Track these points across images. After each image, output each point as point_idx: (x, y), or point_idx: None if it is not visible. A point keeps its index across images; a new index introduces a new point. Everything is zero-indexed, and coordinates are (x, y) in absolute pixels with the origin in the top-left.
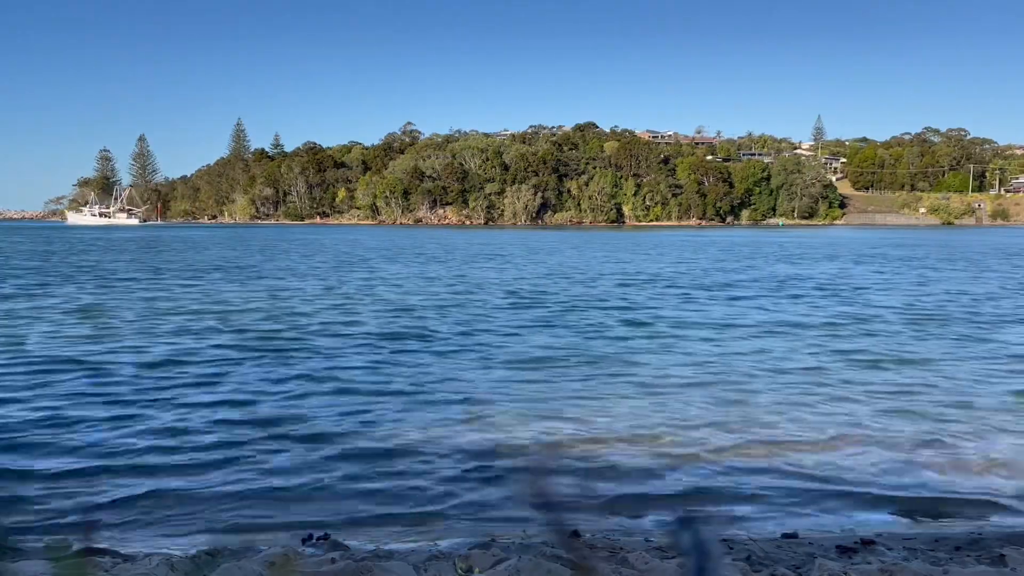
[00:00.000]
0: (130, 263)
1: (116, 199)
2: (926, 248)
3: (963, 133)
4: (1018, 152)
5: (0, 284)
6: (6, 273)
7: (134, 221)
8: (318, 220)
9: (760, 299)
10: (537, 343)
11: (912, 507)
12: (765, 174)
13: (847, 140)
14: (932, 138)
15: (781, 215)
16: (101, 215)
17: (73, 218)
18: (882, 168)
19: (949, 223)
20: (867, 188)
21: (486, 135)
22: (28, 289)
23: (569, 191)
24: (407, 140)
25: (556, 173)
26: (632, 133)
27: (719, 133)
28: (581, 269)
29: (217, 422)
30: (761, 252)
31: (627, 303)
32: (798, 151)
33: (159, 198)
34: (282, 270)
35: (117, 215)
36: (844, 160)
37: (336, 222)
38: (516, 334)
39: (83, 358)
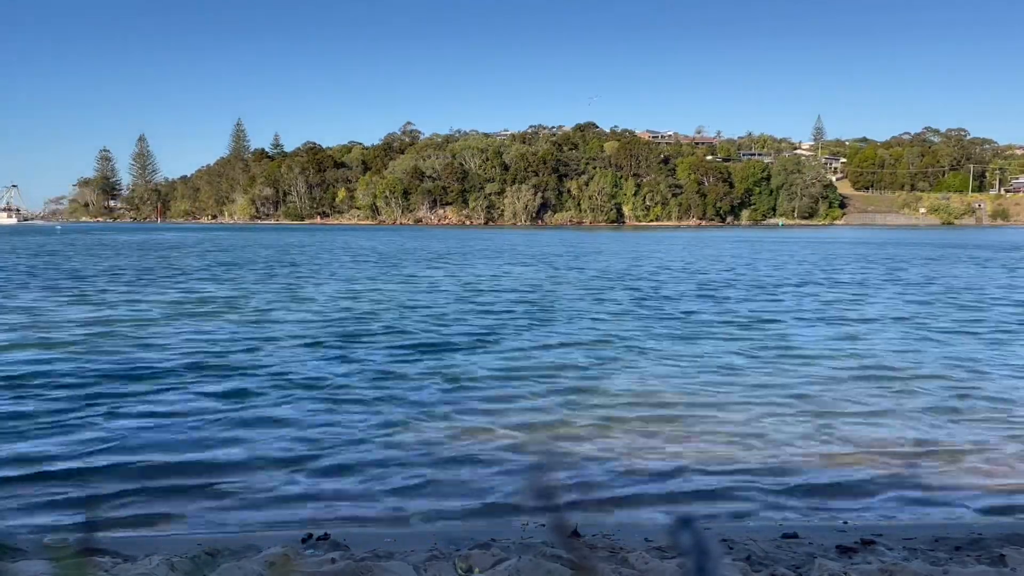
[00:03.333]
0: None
1: None
2: (973, 247)
3: (963, 133)
4: (1018, 152)
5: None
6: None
7: (13, 220)
8: (318, 220)
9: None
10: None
11: (913, 507)
12: (765, 174)
13: (847, 140)
14: (932, 138)
15: (781, 215)
16: None
17: None
18: (882, 168)
19: (949, 223)
20: (867, 188)
21: (486, 135)
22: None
23: (569, 191)
24: (407, 140)
25: (556, 173)
26: (632, 133)
27: (719, 133)
28: (707, 267)
29: (217, 421)
30: (836, 255)
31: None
32: (798, 151)
33: (159, 198)
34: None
35: None
36: (844, 160)
37: (336, 222)
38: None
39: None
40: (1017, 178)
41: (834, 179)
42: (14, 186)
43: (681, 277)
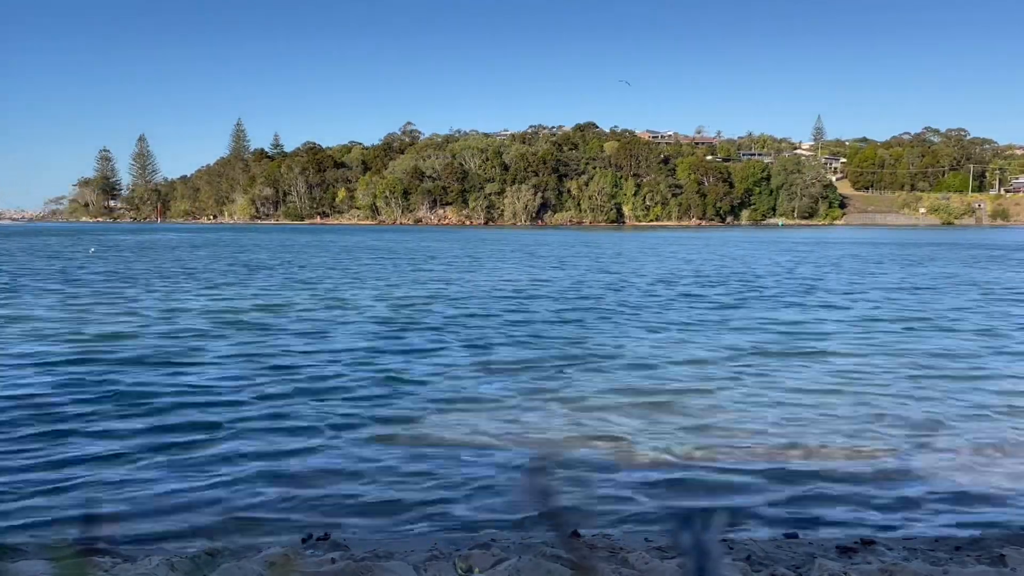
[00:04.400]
0: None
1: None
2: (994, 248)
3: (963, 133)
4: (1018, 152)
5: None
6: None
7: None
8: (318, 220)
9: None
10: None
11: (911, 507)
12: (765, 174)
13: (847, 140)
14: (932, 138)
15: (781, 215)
16: None
17: None
18: (882, 168)
19: (949, 223)
20: (867, 188)
21: (486, 135)
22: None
23: (569, 191)
24: (407, 140)
25: (556, 173)
26: (632, 133)
27: (719, 133)
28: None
29: (217, 420)
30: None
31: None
32: (798, 151)
33: (159, 198)
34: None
35: None
36: (844, 160)
37: (336, 222)
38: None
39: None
40: (1017, 178)
41: (834, 179)
42: None
43: (721, 279)
